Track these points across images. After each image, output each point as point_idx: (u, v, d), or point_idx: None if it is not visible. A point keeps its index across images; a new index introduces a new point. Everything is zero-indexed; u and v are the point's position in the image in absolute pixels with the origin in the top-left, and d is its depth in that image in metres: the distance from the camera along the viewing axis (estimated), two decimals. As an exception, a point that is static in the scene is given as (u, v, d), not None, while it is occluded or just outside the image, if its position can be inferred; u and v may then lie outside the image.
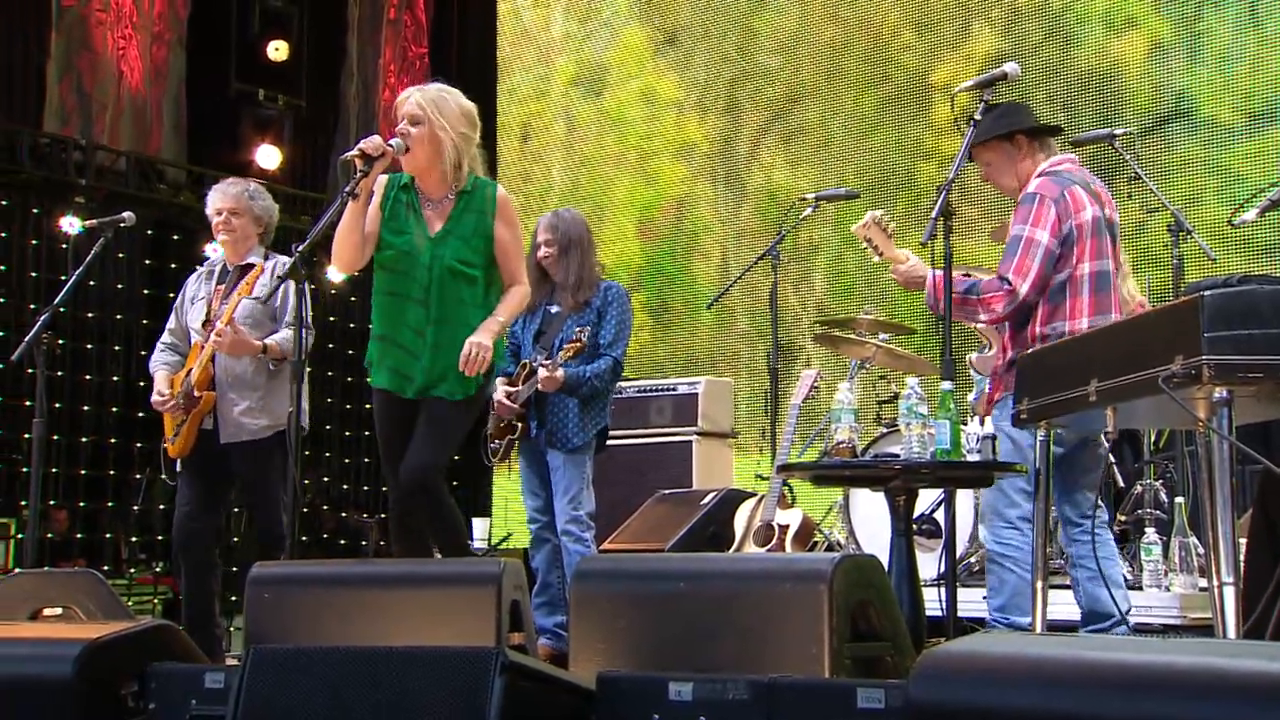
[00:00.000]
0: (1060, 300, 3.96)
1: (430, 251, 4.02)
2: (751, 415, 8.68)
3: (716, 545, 5.86)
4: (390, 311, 4.07)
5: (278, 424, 4.82)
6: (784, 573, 2.68)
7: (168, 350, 5.05)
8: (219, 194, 5.00)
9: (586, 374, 5.06)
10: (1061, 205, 3.97)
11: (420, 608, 2.88)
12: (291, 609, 2.96)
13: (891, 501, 3.63)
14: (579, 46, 10.71)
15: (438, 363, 3.99)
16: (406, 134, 4.01)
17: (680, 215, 9.92)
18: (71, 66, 9.39)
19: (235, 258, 4.98)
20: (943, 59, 8.63)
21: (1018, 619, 3.88)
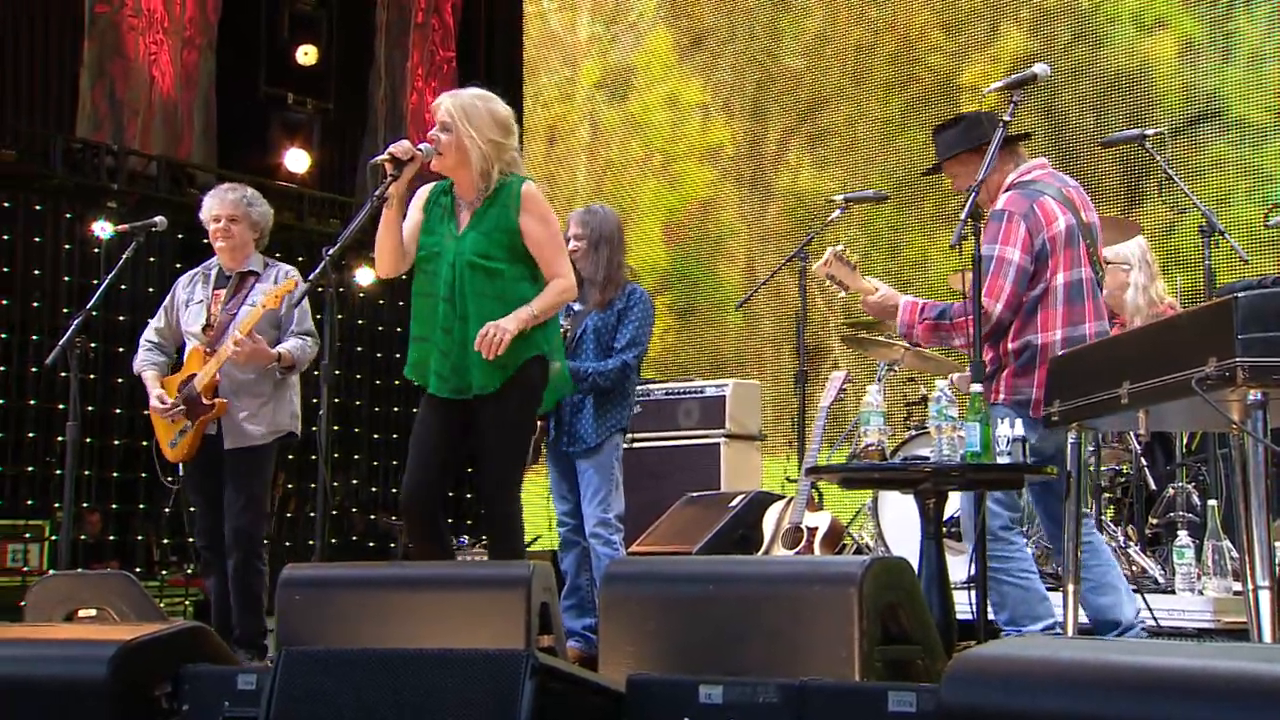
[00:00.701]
0: (1032, 314, 3.92)
1: (454, 249, 4.03)
2: (779, 418, 8.67)
3: (745, 548, 5.83)
4: (423, 312, 4.09)
5: (277, 430, 4.86)
6: (813, 575, 2.67)
7: (154, 350, 5.04)
8: (217, 200, 5.00)
9: (588, 370, 5.03)
10: (1032, 220, 3.91)
11: (450, 610, 2.89)
12: (322, 611, 2.97)
13: (921, 504, 3.61)
14: (604, 50, 10.72)
15: (464, 359, 3.98)
16: (436, 140, 4.01)
17: (706, 218, 9.91)
18: (104, 72, 9.47)
19: (233, 263, 4.99)
20: (971, 60, 8.59)
21: (1030, 628, 3.85)
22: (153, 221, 5.19)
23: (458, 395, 4.00)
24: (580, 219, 5.20)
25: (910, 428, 6.19)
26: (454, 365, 3.98)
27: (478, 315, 3.97)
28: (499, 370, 3.96)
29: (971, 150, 4.10)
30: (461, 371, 3.98)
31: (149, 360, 5.02)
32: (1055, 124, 8.08)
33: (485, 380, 3.96)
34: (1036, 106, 7.92)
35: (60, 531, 4.99)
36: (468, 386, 3.99)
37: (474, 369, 3.96)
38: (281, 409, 4.89)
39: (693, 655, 2.65)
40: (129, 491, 8.99)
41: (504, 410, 4.01)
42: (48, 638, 3.00)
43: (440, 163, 4.03)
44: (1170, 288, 5.77)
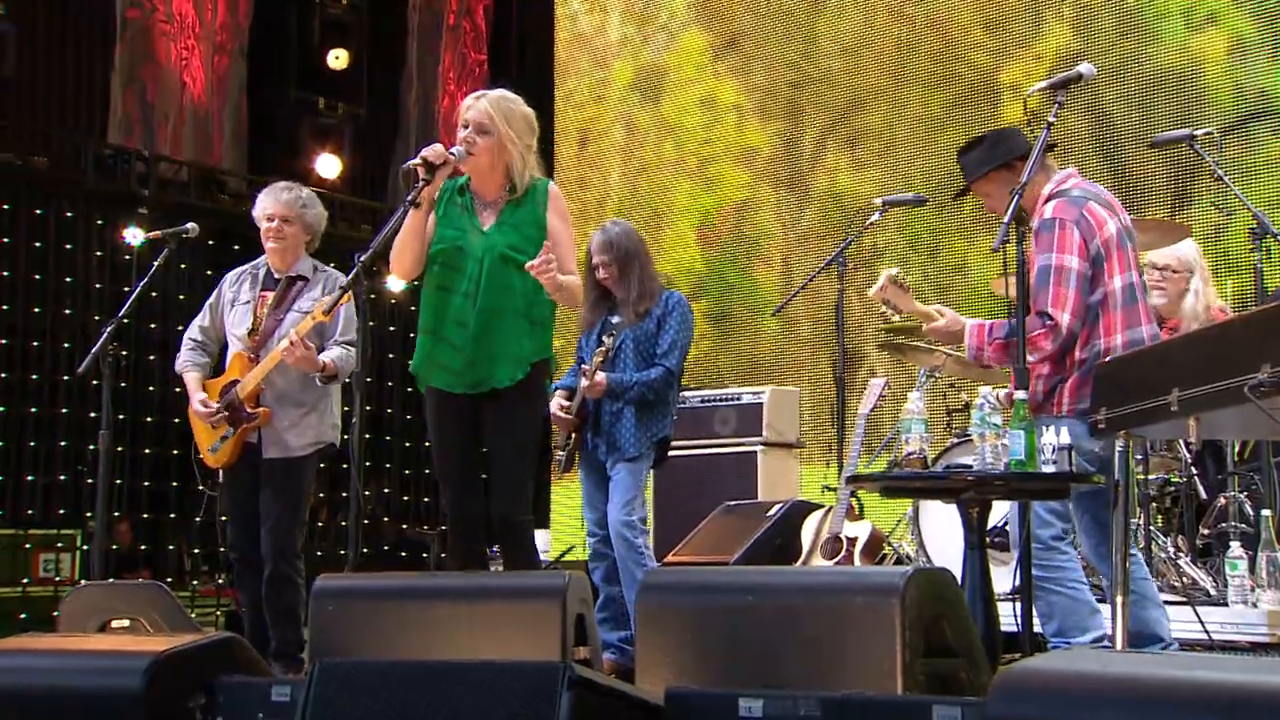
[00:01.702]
0: (1095, 320, 3.90)
1: (483, 244, 4.05)
2: (817, 425, 8.64)
3: (783, 558, 5.82)
4: (436, 306, 4.09)
5: (319, 441, 4.85)
6: (855, 586, 2.65)
7: (198, 350, 5.02)
8: (271, 199, 4.97)
9: (632, 380, 5.04)
10: (1084, 225, 3.90)
11: (485, 621, 2.89)
12: (356, 622, 2.99)
13: (964, 514, 3.59)
14: (636, 51, 10.73)
15: (481, 351, 3.99)
16: (472, 142, 4.03)
17: (741, 221, 9.90)
18: (135, 78, 9.57)
19: (282, 265, 4.98)
20: (1013, 58, 8.54)
21: (1079, 640, 3.82)
22: (184, 228, 5.21)
23: (473, 390, 4.01)
24: (600, 244, 5.18)
25: (952, 435, 6.16)
26: (469, 359, 3.99)
27: (502, 308, 4.00)
28: (515, 364, 3.99)
29: (1001, 167, 4.08)
30: (479, 364, 3.99)
31: (191, 360, 4.99)
32: (1099, 123, 8.03)
33: (503, 374, 3.99)
34: (1080, 106, 7.86)
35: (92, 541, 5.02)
36: (485, 379, 4.00)
37: (490, 362, 3.98)
38: (324, 419, 4.88)
39: (732, 667, 2.64)
40: (161, 500, 9.06)
41: (515, 411, 4.03)
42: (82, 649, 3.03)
43: (473, 164, 4.05)
44: (1221, 291, 5.72)
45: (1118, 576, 3.39)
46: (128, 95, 9.60)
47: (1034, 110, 3.99)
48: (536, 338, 4.08)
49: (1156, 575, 4.99)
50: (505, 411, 4.03)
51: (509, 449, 4.04)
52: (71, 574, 8.36)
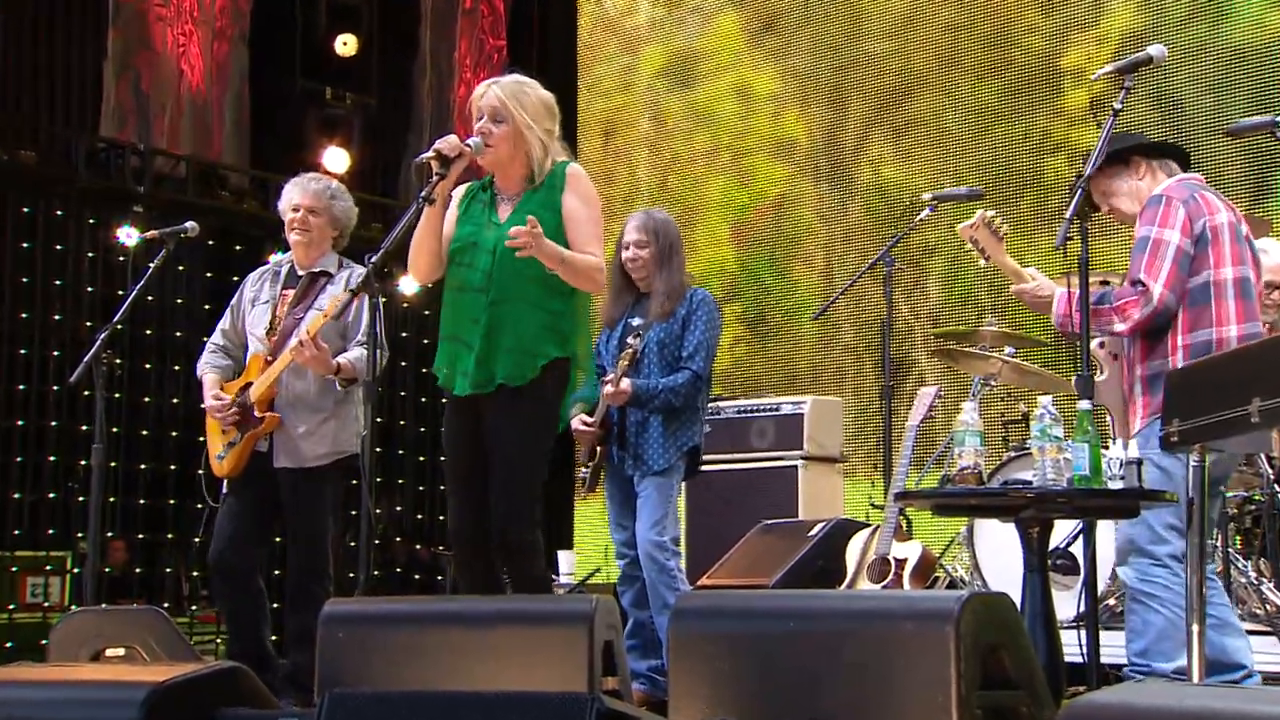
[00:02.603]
0: (1203, 305, 3.92)
1: (495, 235, 4.06)
2: (862, 437, 8.62)
3: (826, 581, 5.81)
4: (453, 307, 4.12)
5: (339, 452, 4.85)
6: (905, 612, 2.65)
7: (219, 352, 5.05)
8: (298, 189, 4.98)
9: (659, 386, 5.02)
10: (1192, 205, 3.95)
11: (507, 649, 2.90)
12: (367, 650, 3.00)
13: (1024, 534, 3.58)
14: (667, 35, 10.75)
15: (492, 346, 3.99)
16: (488, 132, 4.05)
17: (779, 217, 9.89)
18: (129, 66, 9.63)
19: (306, 261, 4.99)
20: (1073, 40, 8.51)
21: (1160, 665, 3.81)
22: (183, 227, 5.24)
23: (481, 389, 4.00)
24: (642, 224, 5.19)
25: (1009, 448, 6.14)
26: (478, 357, 4.00)
27: (515, 297, 4.00)
28: (527, 360, 3.98)
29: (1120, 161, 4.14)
30: (485, 362, 3.99)
31: (211, 363, 5.02)
32: (1169, 110, 7.98)
33: (510, 370, 3.98)
34: (1147, 90, 7.81)
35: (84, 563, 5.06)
36: (490, 378, 4.00)
37: (500, 357, 3.98)
38: (345, 427, 4.86)
39: (771, 699, 2.64)
40: (157, 520, 9.10)
41: (520, 411, 4.00)
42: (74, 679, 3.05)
43: (492, 155, 4.07)
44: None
45: (1193, 602, 3.37)
46: (121, 85, 9.66)
47: (1098, 97, 3.99)
48: (555, 333, 4.06)
49: (1236, 602, 4.96)
50: (508, 411, 3.99)
51: (510, 454, 4.00)
52: (61, 599, 8.41)
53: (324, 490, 4.84)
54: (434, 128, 10.81)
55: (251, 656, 4.68)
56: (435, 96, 11.25)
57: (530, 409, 4.02)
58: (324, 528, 4.83)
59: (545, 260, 3.93)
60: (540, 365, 4.01)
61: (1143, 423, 3.96)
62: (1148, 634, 3.85)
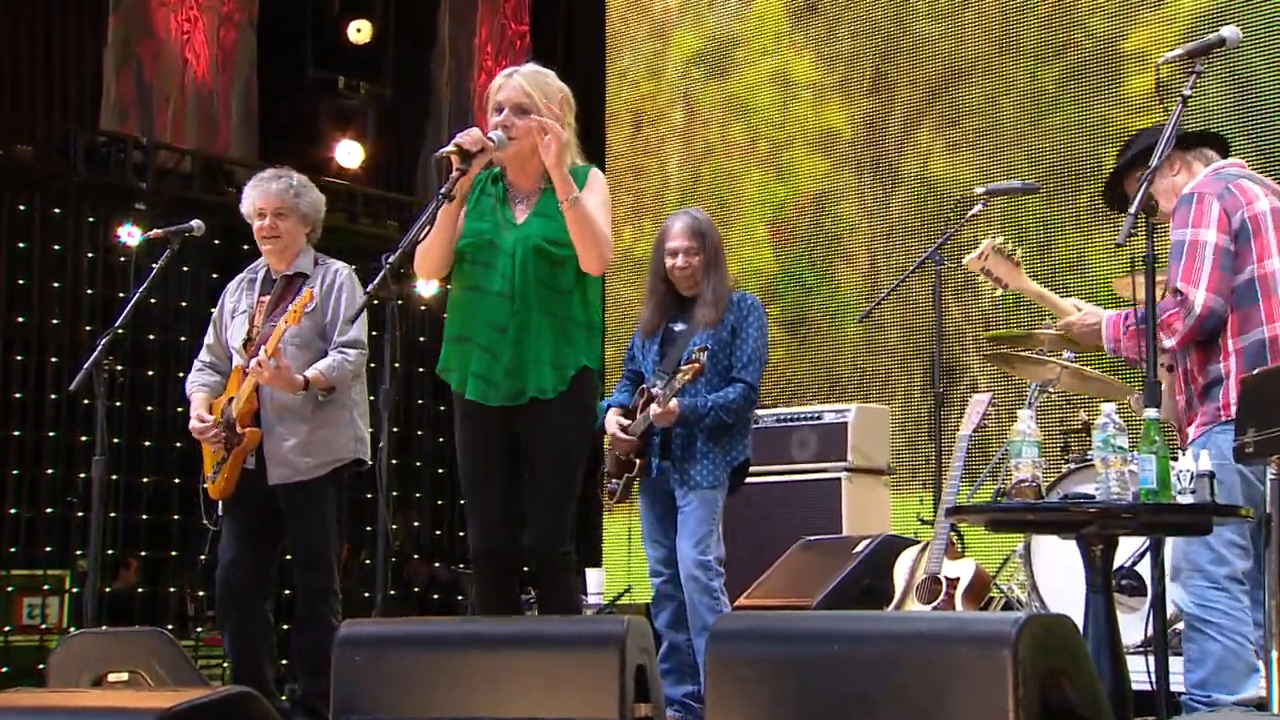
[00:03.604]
0: (1251, 304, 3.90)
1: (515, 236, 4.10)
2: (911, 448, 8.60)
3: (872, 601, 5.80)
4: (467, 308, 4.14)
5: (332, 460, 4.88)
6: (958, 635, 2.65)
7: (206, 370, 5.09)
8: (258, 191, 5.02)
9: (709, 404, 5.03)
10: (1228, 199, 3.93)
11: (532, 673, 2.91)
12: (385, 674, 3.01)
13: (1086, 551, 3.56)
14: (700, 19, 10.75)
15: (522, 357, 4.03)
16: (511, 124, 4.08)
17: (820, 214, 9.88)
18: (131, 54, 9.71)
19: (281, 265, 5.02)
20: (1139, 20, 8.46)
21: (1220, 696, 3.79)
22: (188, 226, 5.27)
23: (512, 402, 4.05)
24: (690, 228, 5.18)
25: (1069, 460, 6.11)
26: (507, 368, 4.04)
27: (542, 308, 4.04)
28: (557, 371, 4.04)
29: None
30: (518, 373, 4.03)
31: (199, 382, 5.07)
32: (1242, 94, 7.92)
33: (544, 383, 4.03)
34: (1219, 73, 7.76)
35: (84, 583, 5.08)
36: (522, 390, 4.04)
37: (531, 368, 4.02)
38: (339, 433, 4.89)
39: (816, 728, 2.64)
40: (160, 537, 9.14)
41: (558, 426, 4.06)
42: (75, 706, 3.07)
43: (515, 148, 4.09)
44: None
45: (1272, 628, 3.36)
46: (122, 75, 9.74)
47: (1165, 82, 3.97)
48: (582, 343, 4.13)
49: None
50: (546, 426, 4.06)
51: (549, 470, 4.07)
52: (59, 621, 8.47)
53: (323, 502, 4.87)
54: (453, 119, 10.86)
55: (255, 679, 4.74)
56: (454, 86, 11.29)
57: (565, 421, 4.08)
58: (326, 543, 4.85)
59: (560, 184, 3.97)
60: (570, 376, 4.07)
61: (1198, 430, 3.94)
62: (1206, 663, 3.83)
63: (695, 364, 4.93)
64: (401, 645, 3.09)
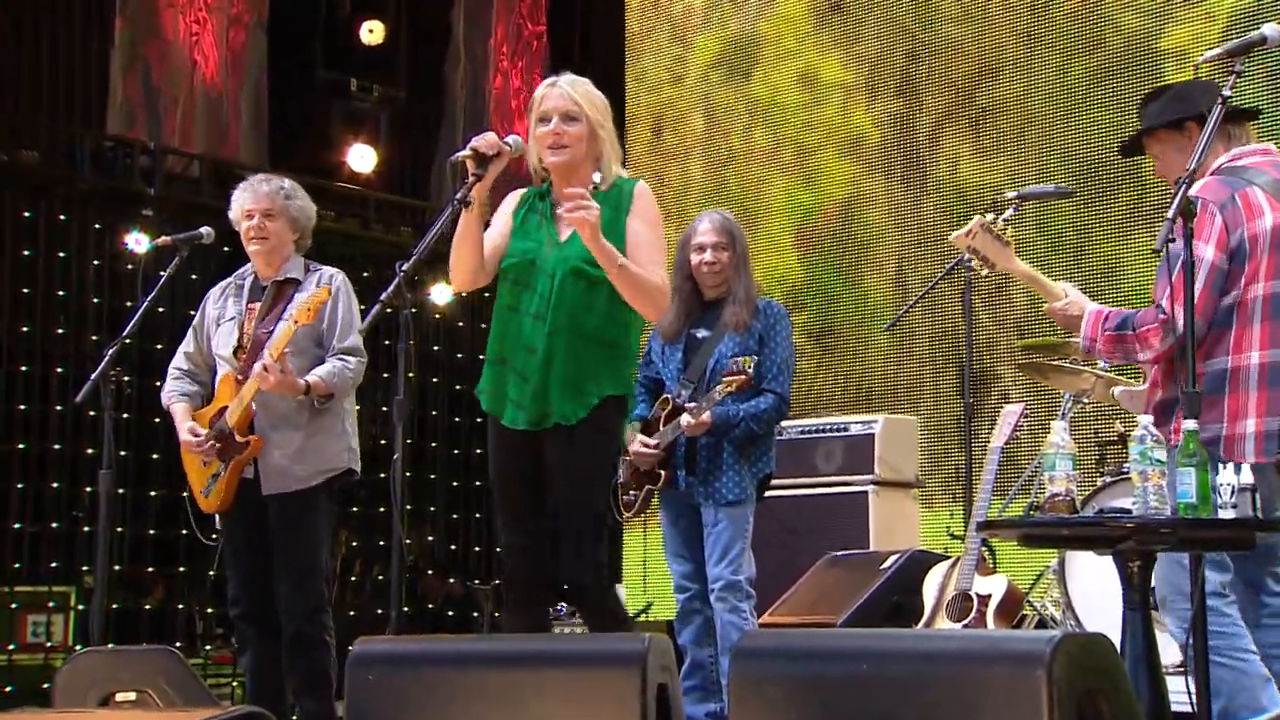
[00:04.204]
0: (1225, 328, 3.85)
1: (556, 257, 4.13)
2: (940, 460, 8.59)
3: (901, 619, 5.80)
4: (506, 330, 4.18)
5: (326, 470, 4.89)
6: (991, 654, 2.65)
7: (185, 378, 5.12)
8: (248, 193, 5.06)
9: (740, 414, 5.04)
10: (1229, 212, 3.85)
11: (552, 693, 2.91)
12: (400, 693, 3.02)
13: (1123, 568, 3.55)
14: (723, 20, 10.77)
15: (548, 380, 4.06)
16: (562, 133, 4.12)
17: (846, 220, 9.88)
18: (138, 56, 9.75)
19: (269, 270, 5.05)
20: (1176, 17, 8.44)
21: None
22: (197, 233, 5.31)
23: (537, 426, 4.08)
24: (722, 226, 5.21)
25: (1105, 473, 6.10)
26: (534, 391, 4.07)
27: (570, 331, 4.07)
28: (580, 397, 4.06)
29: (1171, 127, 4.07)
30: (544, 396, 4.06)
31: (178, 390, 5.10)
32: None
33: (566, 408, 4.06)
34: (1261, 75, 7.74)
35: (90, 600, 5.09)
36: (546, 415, 4.07)
37: (555, 392, 4.05)
38: (332, 441, 4.92)
39: (844, 750, 2.64)
40: (169, 552, 9.15)
41: (583, 453, 4.09)
42: (82, 724, 3.09)
43: (566, 158, 4.14)
44: None
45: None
46: (129, 78, 9.78)
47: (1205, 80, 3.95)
48: (613, 368, 4.15)
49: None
50: (570, 453, 4.09)
51: (573, 496, 4.09)
52: (64, 639, 8.49)
53: (315, 513, 4.88)
54: (468, 122, 10.89)
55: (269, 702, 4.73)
56: (469, 88, 11.32)
57: (589, 446, 4.11)
58: (317, 557, 4.86)
59: (597, 254, 3.99)
60: (592, 404, 4.09)
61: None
62: (1221, 692, 3.80)
63: (743, 376, 4.93)
64: (417, 664, 3.10)
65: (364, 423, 5.11)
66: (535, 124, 4.18)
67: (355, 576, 9.84)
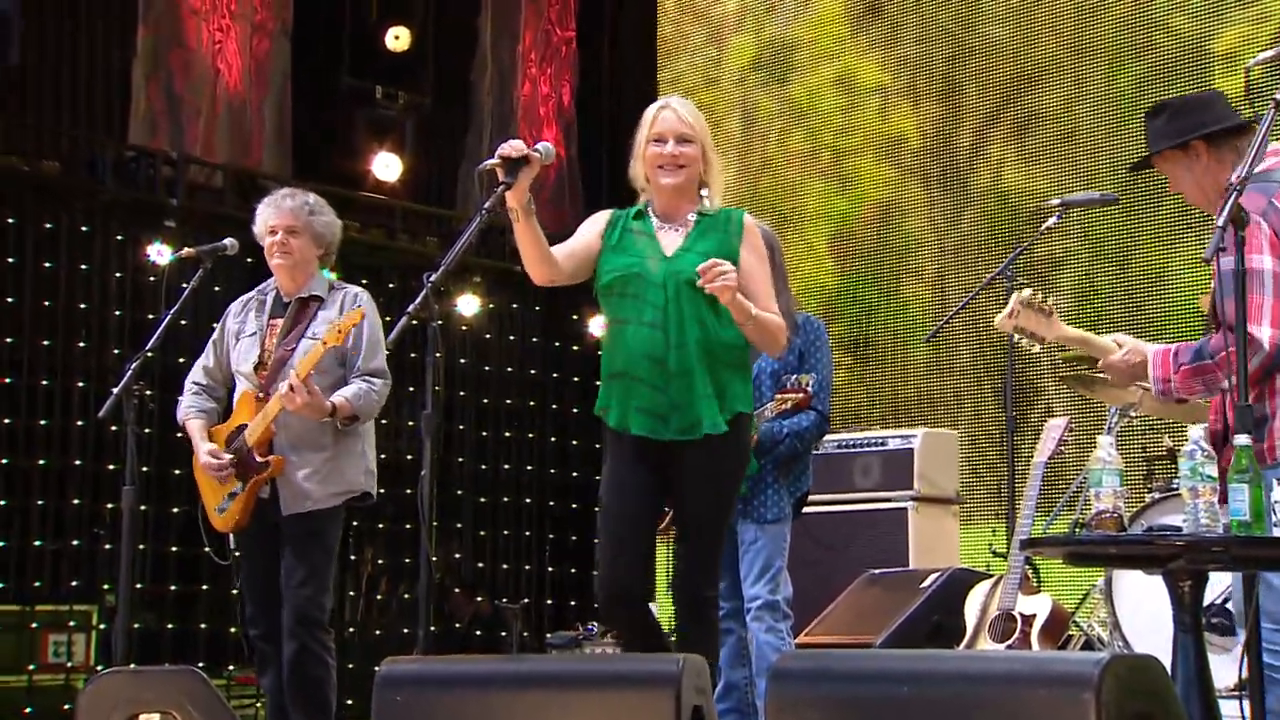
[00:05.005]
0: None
1: (665, 268, 4.24)
2: (981, 476, 8.56)
3: (942, 640, 5.79)
4: (620, 343, 4.27)
5: (344, 491, 4.94)
6: (1036, 676, 2.65)
7: (203, 394, 5.17)
8: (272, 209, 5.11)
9: (784, 430, 5.06)
10: (1272, 217, 3.84)
11: (583, 714, 2.92)
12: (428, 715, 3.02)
13: (1173, 588, 3.53)
14: (759, 22, 10.78)
15: (691, 390, 4.15)
16: (676, 155, 4.26)
17: (885, 227, 9.87)
18: (160, 65, 9.79)
19: (292, 287, 5.08)
20: (1228, 19, 8.40)
21: None
22: (221, 245, 5.35)
23: (683, 435, 4.16)
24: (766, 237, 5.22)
25: (1153, 489, 6.08)
26: (674, 401, 4.15)
27: (698, 342, 4.17)
28: (724, 408, 4.17)
29: (1178, 148, 4.07)
30: (686, 408, 4.14)
31: (195, 406, 5.14)
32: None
33: (716, 418, 4.16)
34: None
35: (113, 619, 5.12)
36: (695, 424, 4.15)
37: (701, 404, 4.15)
38: (351, 464, 4.95)
39: (883, 775, 2.64)
40: (191, 570, 9.17)
41: (723, 466, 4.20)
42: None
43: (684, 178, 4.28)
44: None
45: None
46: (151, 87, 9.83)
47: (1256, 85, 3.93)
48: (739, 385, 4.29)
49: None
50: (711, 465, 4.19)
51: (709, 511, 4.22)
52: (86, 659, 8.51)
53: (326, 535, 4.94)
54: (495, 130, 10.90)
55: None
56: (496, 95, 11.33)
57: (730, 460, 4.24)
58: (325, 577, 4.90)
59: (735, 312, 4.12)
60: (729, 419, 4.20)
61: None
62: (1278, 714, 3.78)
63: (801, 394, 4.96)
64: (446, 685, 3.11)
65: (388, 437, 5.13)
66: (646, 144, 4.31)
67: (381, 595, 9.83)
